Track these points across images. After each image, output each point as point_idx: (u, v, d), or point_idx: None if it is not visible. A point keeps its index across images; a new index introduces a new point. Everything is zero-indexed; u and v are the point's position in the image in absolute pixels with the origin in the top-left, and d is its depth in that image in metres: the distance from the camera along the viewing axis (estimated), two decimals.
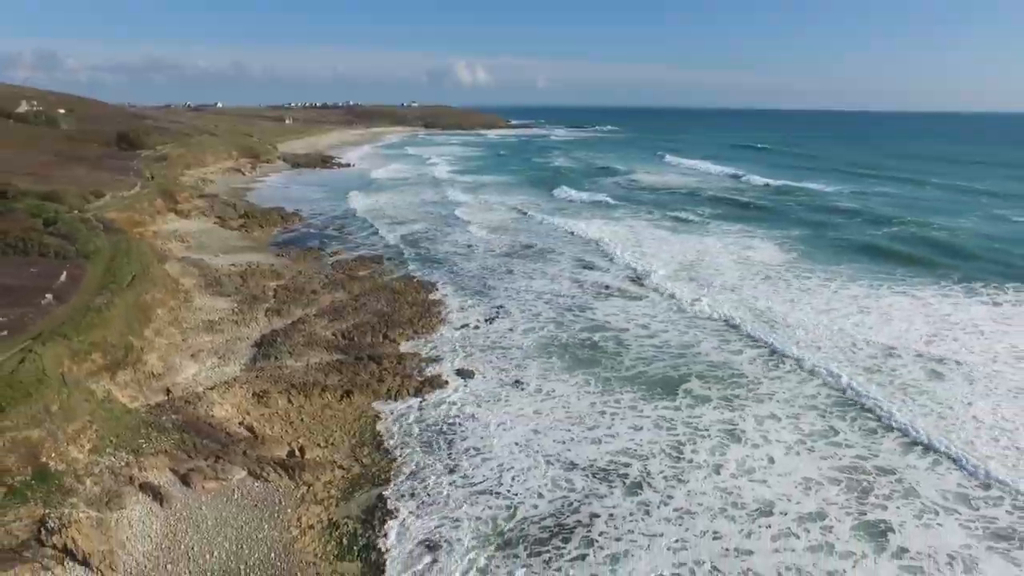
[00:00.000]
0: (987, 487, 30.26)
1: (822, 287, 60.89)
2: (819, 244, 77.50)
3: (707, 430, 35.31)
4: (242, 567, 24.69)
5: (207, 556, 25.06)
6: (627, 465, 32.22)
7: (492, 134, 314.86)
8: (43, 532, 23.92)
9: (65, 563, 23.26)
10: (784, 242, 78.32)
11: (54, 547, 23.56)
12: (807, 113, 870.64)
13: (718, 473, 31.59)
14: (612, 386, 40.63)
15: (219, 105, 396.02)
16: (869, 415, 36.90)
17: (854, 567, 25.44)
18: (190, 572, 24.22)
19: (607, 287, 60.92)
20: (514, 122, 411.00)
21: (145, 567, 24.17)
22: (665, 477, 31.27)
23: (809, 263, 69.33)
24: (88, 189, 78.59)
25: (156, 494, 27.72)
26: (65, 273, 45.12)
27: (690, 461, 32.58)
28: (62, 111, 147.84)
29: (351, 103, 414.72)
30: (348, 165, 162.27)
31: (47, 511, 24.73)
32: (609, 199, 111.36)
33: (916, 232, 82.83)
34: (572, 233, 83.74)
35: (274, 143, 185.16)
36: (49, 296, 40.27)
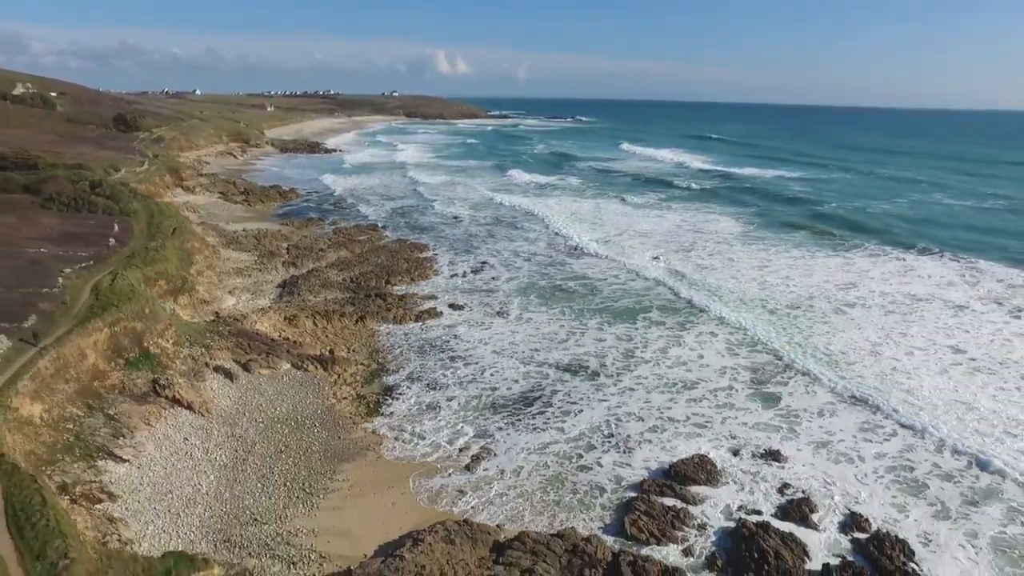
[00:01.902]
0: (845, 376, 41.02)
1: (761, 252, 71.91)
2: (753, 221, 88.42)
3: (656, 341, 46.01)
4: (299, 416, 34.46)
5: (273, 409, 34.82)
6: (587, 361, 42.59)
7: (471, 124, 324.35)
8: (157, 388, 33.45)
9: (175, 408, 32.82)
10: (714, 217, 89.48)
11: (166, 397, 33.11)
12: (786, 107, 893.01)
13: (658, 366, 42.20)
14: (583, 315, 51.06)
15: (197, 92, 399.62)
16: (782, 333, 47.59)
17: (744, 415, 35.99)
18: (262, 417, 33.96)
19: (575, 248, 71.25)
20: (495, 113, 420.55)
21: (231, 413, 33.87)
22: (617, 369, 41.69)
23: (749, 236, 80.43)
24: (105, 164, 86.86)
25: (227, 373, 37.34)
26: (116, 225, 54.22)
27: (639, 359, 43.08)
28: (54, 94, 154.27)
29: (332, 92, 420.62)
30: (335, 150, 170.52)
31: (155, 376, 34.26)
32: (556, 181, 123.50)
33: (844, 212, 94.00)
34: (525, 209, 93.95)
35: (261, 129, 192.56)
36: (112, 240, 49.45)
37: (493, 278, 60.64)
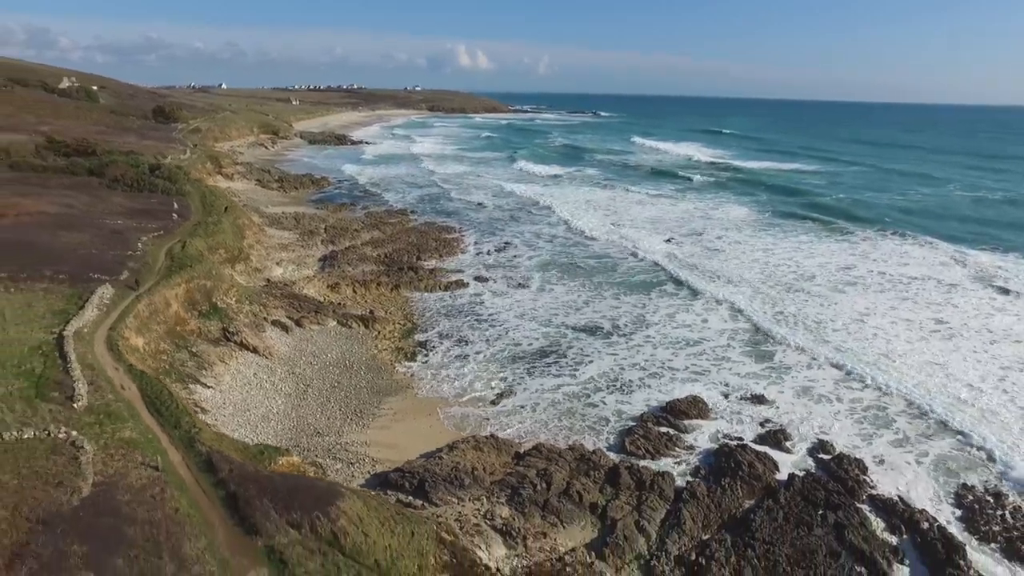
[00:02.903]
0: (830, 340, 46.02)
1: (768, 238, 76.72)
2: (765, 210, 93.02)
3: (666, 308, 51.48)
4: (347, 361, 40.31)
5: (325, 355, 40.73)
6: (601, 324, 48.06)
7: (491, 118, 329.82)
8: (226, 334, 39.50)
9: (243, 351, 38.82)
10: (725, 206, 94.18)
11: (235, 342, 39.13)
12: (802, 103, 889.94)
13: (665, 327, 47.60)
14: (600, 287, 56.55)
15: (223, 86, 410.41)
16: (779, 303, 52.64)
17: (738, 367, 41.24)
18: (316, 361, 39.87)
19: (592, 231, 76.59)
20: (516, 107, 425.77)
21: (289, 356, 39.84)
22: (628, 330, 47.08)
23: (758, 223, 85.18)
24: (152, 152, 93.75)
25: (282, 327, 43.33)
26: (176, 203, 60.63)
27: (648, 322, 48.48)
28: (95, 88, 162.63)
29: (354, 86, 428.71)
30: (361, 142, 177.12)
31: (224, 325, 40.33)
32: (574, 172, 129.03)
33: (852, 204, 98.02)
34: (544, 197, 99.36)
35: (289, 121, 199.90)
36: (175, 215, 55.82)
37: (515, 256, 66.24)
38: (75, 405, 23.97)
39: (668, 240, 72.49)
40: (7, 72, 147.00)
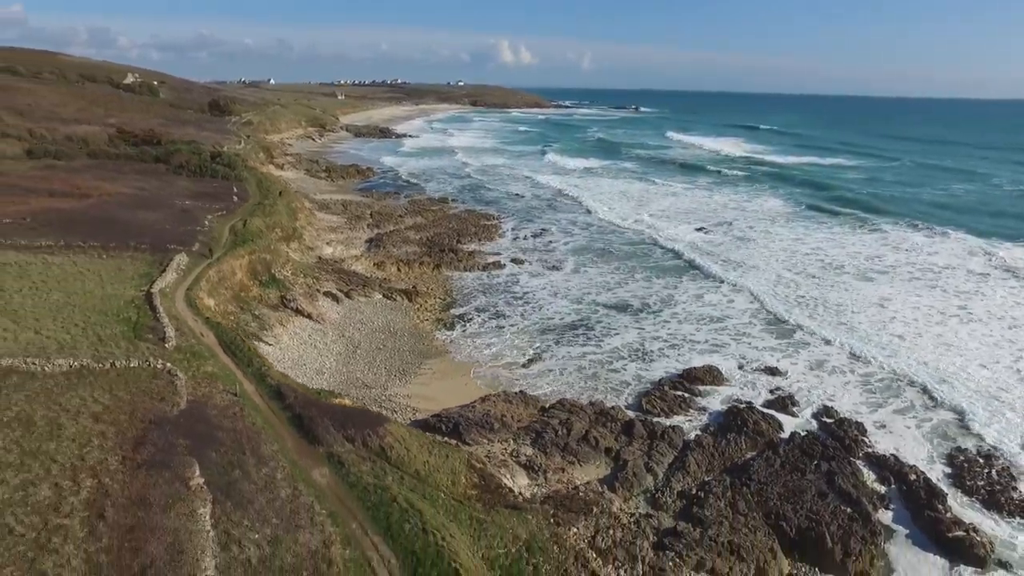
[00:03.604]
0: (846, 321, 48.32)
1: (800, 229, 78.59)
2: (800, 203, 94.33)
3: (695, 290, 54.65)
4: (392, 328, 44.45)
5: (372, 323, 44.98)
6: (631, 302, 51.34)
7: (532, 112, 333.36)
8: (284, 301, 44.05)
9: (299, 316, 43.28)
10: (759, 199, 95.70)
11: (291, 309, 43.64)
12: (848, 99, 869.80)
13: (691, 306, 50.74)
14: (632, 271, 59.75)
15: (272, 82, 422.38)
16: (805, 294, 55.05)
17: (756, 342, 44.05)
18: (364, 327, 44.12)
19: (624, 220, 79.53)
20: (557, 102, 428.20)
21: (340, 322, 44.19)
22: (657, 308, 50.27)
23: (791, 216, 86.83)
24: (210, 142, 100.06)
25: (333, 297, 47.75)
26: (235, 187, 65.88)
27: (676, 301, 51.66)
28: (156, 83, 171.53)
29: (399, 81, 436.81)
30: (404, 135, 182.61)
31: (282, 293, 44.89)
32: (610, 164, 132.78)
33: (889, 199, 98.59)
34: (580, 189, 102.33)
35: (335, 115, 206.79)
36: (235, 197, 60.97)
37: (551, 241, 69.78)
38: (166, 345, 28.48)
39: (699, 229, 75.02)
40: (78, 69, 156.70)
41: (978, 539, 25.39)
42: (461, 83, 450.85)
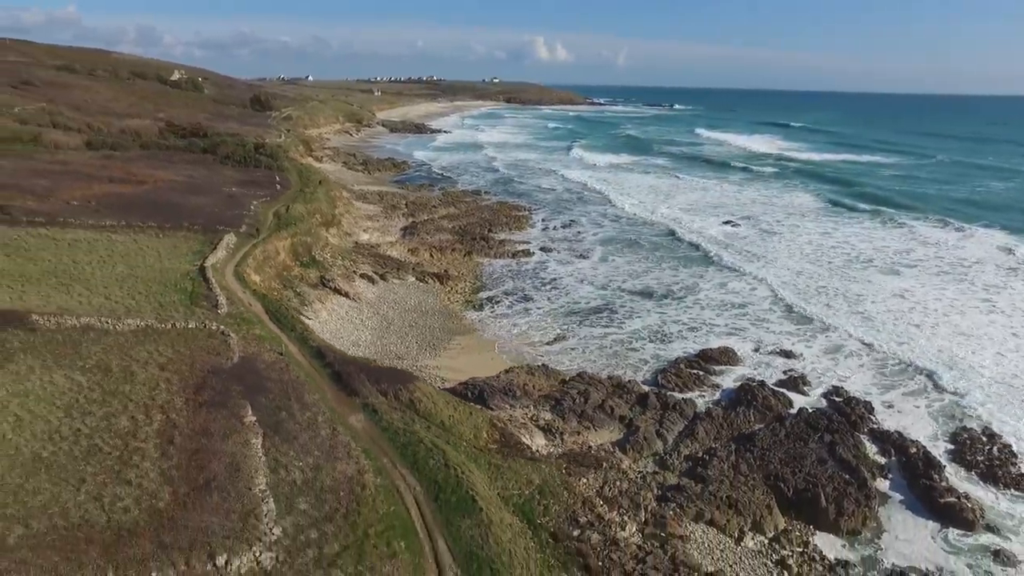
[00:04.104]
0: (862, 309, 49.52)
1: (829, 224, 79.39)
2: (828, 199, 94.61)
3: (720, 278, 56.49)
4: (424, 308, 47.20)
5: (405, 302, 47.82)
6: (655, 289, 53.35)
7: (566, 110, 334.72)
8: (323, 281, 47.13)
9: (337, 295, 46.31)
10: (789, 195, 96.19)
11: (330, 288, 46.69)
12: (888, 96, 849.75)
13: (715, 293, 52.50)
14: (660, 261, 61.63)
15: (310, 78, 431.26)
16: (827, 285, 56.30)
17: (774, 327, 45.67)
18: (398, 306, 46.97)
19: (652, 214, 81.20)
20: (592, 99, 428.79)
21: (375, 301, 47.12)
22: (680, 295, 52.15)
23: (821, 211, 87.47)
24: (252, 135, 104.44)
25: (369, 279, 50.74)
26: (277, 176, 69.52)
27: (700, 288, 53.50)
28: (201, 79, 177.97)
29: (434, 78, 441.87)
30: (439, 131, 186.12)
31: (321, 273, 48.00)
32: (641, 160, 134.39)
33: (922, 196, 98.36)
34: (609, 183, 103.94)
35: (372, 111, 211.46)
36: (278, 185, 64.51)
37: (580, 232, 71.95)
38: (219, 312, 31.59)
39: (726, 223, 76.33)
40: (129, 67, 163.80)
41: (968, 505, 26.98)
42: (496, 80, 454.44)
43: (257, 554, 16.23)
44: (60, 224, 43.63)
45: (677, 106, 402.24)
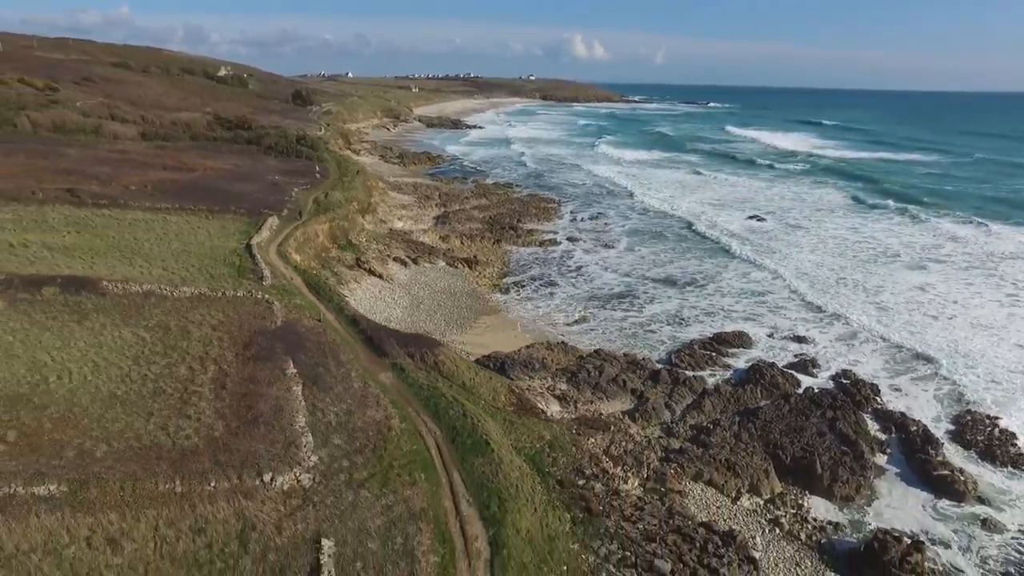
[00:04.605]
0: (877, 300, 50.55)
1: (857, 219, 79.88)
2: (858, 196, 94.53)
3: (742, 268, 58.09)
4: (452, 290, 49.84)
5: (435, 284, 50.52)
6: (678, 277, 55.21)
7: (597, 107, 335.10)
8: (358, 262, 50.10)
9: (371, 276, 49.21)
10: (819, 191, 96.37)
11: (364, 269, 49.62)
12: (930, 94, 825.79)
13: (736, 281, 54.11)
14: (685, 252, 63.32)
15: (350, 75, 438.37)
16: (847, 277, 57.36)
17: (791, 314, 47.14)
18: (428, 288, 49.69)
19: (678, 208, 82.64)
20: (627, 97, 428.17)
21: (406, 283, 49.91)
22: (702, 283, 53.87)
23: (849, 207, 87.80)
24: (294, 128, 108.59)
25: (402, 262, 53.58)
26: (317, 166, 72.98)
27: (722, 277, 55.16)
28: (246, 75, 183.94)
29: (471, 75, 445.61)
30: (474, 127, 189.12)
31: (357, 255, 50.98)
32: (673, 156, 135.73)
33: (957, 193, 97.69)
34: (638, 178, 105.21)
35: (409, 107, 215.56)
36: (318, 174, 67.89)
37: (607, 223, 73.89)
38: (263, 283, 34.62)
39: (752, 217, 77.39)
40: (178, 64, 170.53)
41: (961, 478, 28.45)
42: (532, 77, 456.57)
43: (297, 475, 18.93)
44: (121, 206, 47.40)
45: (712, 104, 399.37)
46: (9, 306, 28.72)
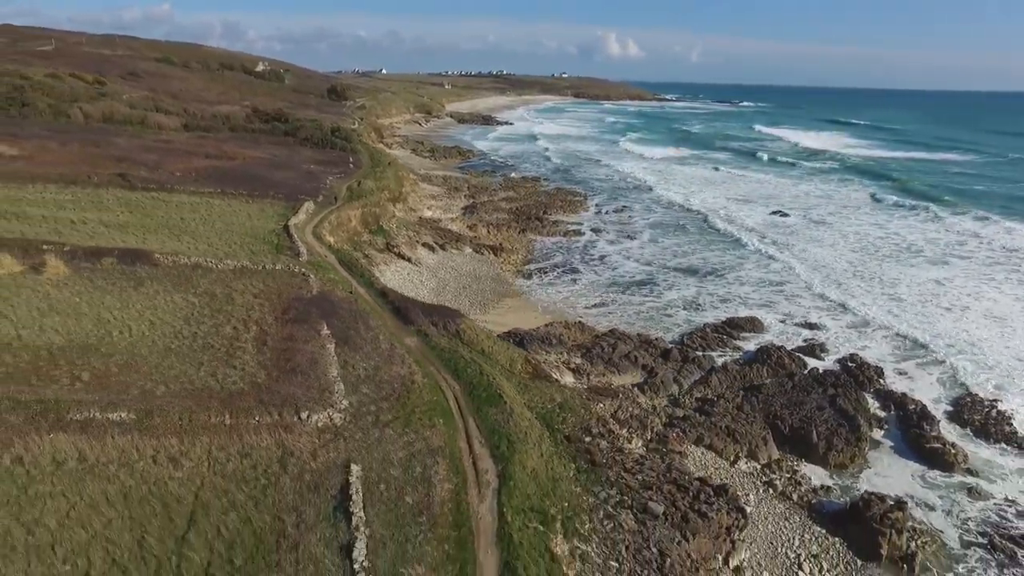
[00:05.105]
0: (889, 292, 51.71)
1: (882, 216, 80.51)
2: (886, 194, 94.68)
3: (762, 258, 59.63)
4: (477, 274, 52.38)
5: (461, 268, 53.12)
6: (698, 267, 57.07)
7: (627, 105, 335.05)
8: (388, 246, 52.92)
9: (400, 259, 51.99)
10: (846, 189, 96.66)
11: (394, 253, 52.42)
12: (975, 94, 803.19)
13: (755, 272, 55.76)
14: (708, 244, 65.05)
15: (383, 72, 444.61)
16: (863, 270, 58.52)
17: (805, 302, 48.69)
18: (454, 271, 52.29)
19: (704, 202, 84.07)
20: (660, 95, 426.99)
21: (434, 267, 52.61)
22: (723, 272, 55.63)
23: (876, 205, 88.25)
24: (329, 122, 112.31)
25: (430, 247, 56.28)
26: (350, 157, 76.17)
27: (742, 268, 56.85)
28: (282, 71, 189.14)
29: (504, 72, 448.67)
30: (505, 123, 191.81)
31: (387, 240, 53.82)
32: (700, 153, 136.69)
33: (988, 192, 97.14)
34: (664, 174, 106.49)
35: (441, 103, 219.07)
36: (351, 164, 71.04)
37: (631, 216, 75.82)
38: (300, 259, 37.54)
39: (775, 212, 78.55)
40: (218, 59, 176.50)
41: (952, 451, 30.04)
42: (564, 75, 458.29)
43: (330, 415, 21.56)
44: (168, 189, 50.91)
45: (744, 103, 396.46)
46: (74, 273, 32.00)
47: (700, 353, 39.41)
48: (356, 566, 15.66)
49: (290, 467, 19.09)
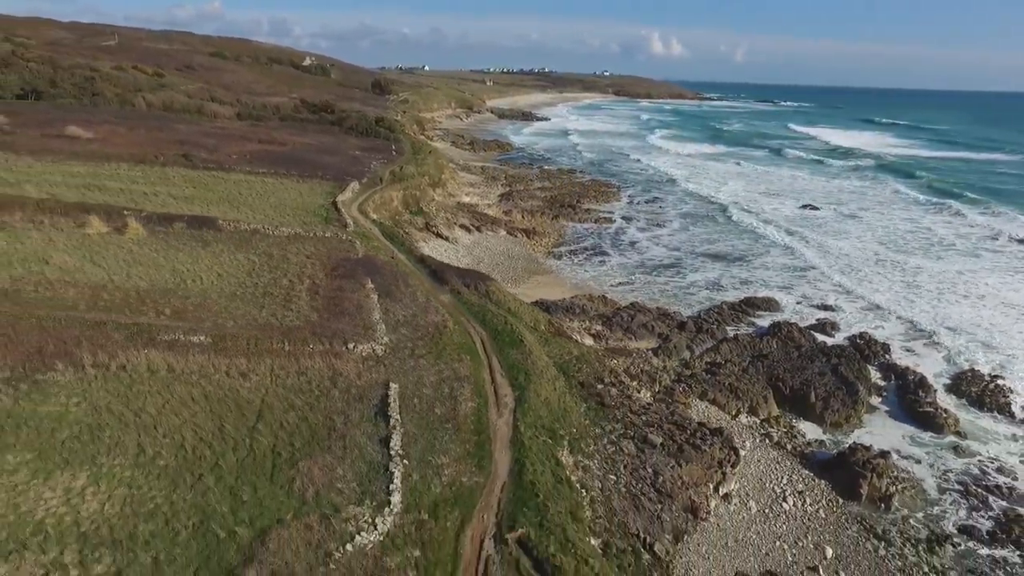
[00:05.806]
0: (909, 280, 53.49)
1: (916, 211, 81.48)
2: (909, 190, 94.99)
3: (788, 245, 61.85)
4: (510, 253, 55.91)
5: (495, 248, 56.72)
6: (725, 253, 59.69)
7: (666, 103, 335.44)
8: (427, 226, 56.84)
9: (438, 238, 55.85)
10: (871, 186, 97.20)
11: (432, 232, 56.32)
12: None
13: (779, 258, 58.20)
14: (736, 232, 67.50)
15: (426, 68, 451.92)
16: (885, 258, 60.32)
17: (825, 285, 50.95)
18: (488, 251, 55.93)
19: (735, 195, 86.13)
20: (701, 94, 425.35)
21: (469, 246, 56.33)
22: (748, 258, 58.12)
23: (910, 200, 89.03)
24: (373, 114, 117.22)
25: (466, 229, 60.05)
26: (393, 145, 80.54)
27: (769, 254, 59.22)
28: (328, 65, 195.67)
29: (546, 70, 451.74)
30: (544, 119, 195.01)
31: (426, 220, 57.77)
32: (736, 151, 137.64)
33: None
34: (697, 168, 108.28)
35: (482, 99, 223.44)
36: (394, 151, 75.36)
37: (662, 206, 78.51)
38: (346, 228, 41.63)
39: (805, 206, 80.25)
40: (267, 54, 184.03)
41: (943, 415, 32.42)
42: (606, 73, 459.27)
43: (373, 346, 25.37)
44: (226, 169, 55.75)
45: (784, 103, 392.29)
46: (151, 235, 36.60)
47: (715, 326, 42.22)
48: (392, 452, 19.32)
49: (339, 383, 22.91)
